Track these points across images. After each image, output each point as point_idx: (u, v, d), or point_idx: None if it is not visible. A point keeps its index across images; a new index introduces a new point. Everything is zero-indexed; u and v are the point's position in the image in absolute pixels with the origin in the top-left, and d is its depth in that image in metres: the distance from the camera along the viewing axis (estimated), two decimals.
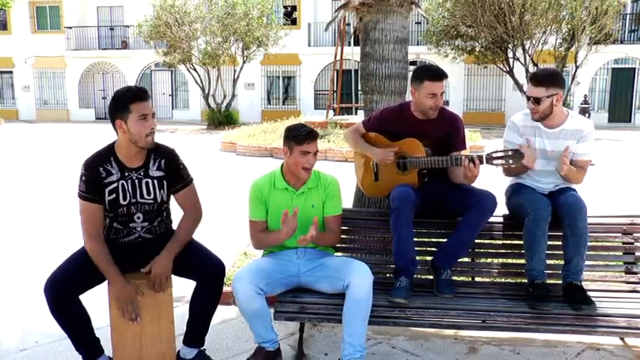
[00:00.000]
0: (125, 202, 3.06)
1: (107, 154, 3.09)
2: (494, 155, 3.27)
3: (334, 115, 20.24)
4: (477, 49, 22.70)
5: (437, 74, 3.51)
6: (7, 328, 3.98)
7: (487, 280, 3.71)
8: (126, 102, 2.98)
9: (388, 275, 3.65)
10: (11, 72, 33.46)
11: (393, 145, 3.64)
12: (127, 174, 3.07)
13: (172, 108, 31.61)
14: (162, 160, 3.15)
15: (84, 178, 3.02)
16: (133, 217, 3.11)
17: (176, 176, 3.17)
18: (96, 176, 3.02)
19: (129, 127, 2.98)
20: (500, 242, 3.70)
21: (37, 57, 32.43)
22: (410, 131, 3.60)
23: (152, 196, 3.11)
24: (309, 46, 29.11)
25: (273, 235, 3.34)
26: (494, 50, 21.77)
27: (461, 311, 3.18)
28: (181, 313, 3.45)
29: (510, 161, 3.24)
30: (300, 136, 3.24)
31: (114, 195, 3.05)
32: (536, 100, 3.39)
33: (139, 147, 3.05)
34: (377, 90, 4.50)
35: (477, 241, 3.62)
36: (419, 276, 3.59)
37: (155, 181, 3.12)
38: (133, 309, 2.99)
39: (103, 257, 2.99)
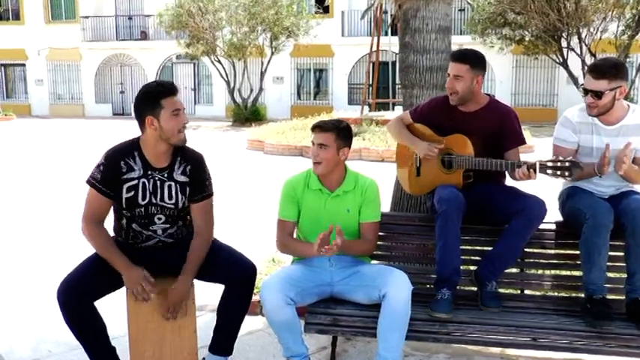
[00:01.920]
0: (144, 203, 3.12)
1: (131, 148, 3.14)
2: (549, 164, 3.21)
3: (369, 111, 20.22)
4: (527, 39, 22.38)
5: (454, 54, 3.60)
6: (20, 336, 4.08)
7: (538, 293, 3.67)
8: (157, 97, 3.04)
9: (428, 286, 3.63)
10: (24, 64, 34.21)
11: (439, 139, 3.64)
12: (149, 173, 3.13)
13: (195, 103, 31.92)
14: (189, 166, 3.19)
15: (101, 168, 3.08)
16: (153, 217, 3.16)
17: (199, 186, 3.22)
18: (115, 169, 3.08)
19: (161, 123, 3.04)
20: (553, 252, 3.66)
21: (51, 49, 33.09)
22: (454, 125, 3.60)
23: (174, 201, 3.16)
24: (343, 36, 29.10)
25: (302, 246, 3.38)
26: (545, 39, 21.44)
27: (508, 327, 3.15)
28: (205, 323, 3.50)
29: (566, 173, 3.14)
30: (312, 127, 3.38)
31: (132, 193, 3.10)
32: (597, 94, 3.33)
33: (171, 144, 3.11)
34: (417, 84, 4.50)
35: (526, 250, 3.59)
36: (462, 287, 3.58)
37: (178, 185, 3.17)
38: (143, 290, 3.02)
39: (104, 243, 3.06)
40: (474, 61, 3.54)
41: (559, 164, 3.16)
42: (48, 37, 32.97)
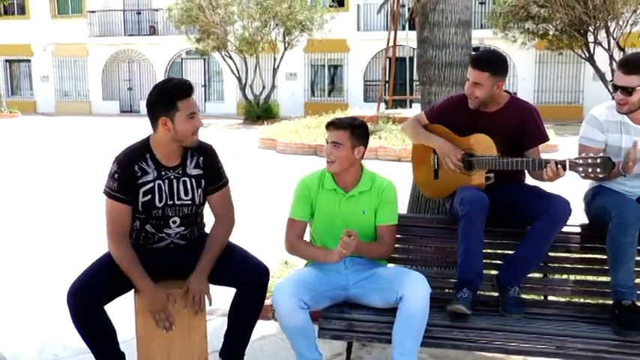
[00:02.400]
0: (161, 204, 3.14)
1: (142, 150, 3.16)
2: (579, 162, 3.20)
3: (386, 108, 20.19)
4: (551, 33, 22.23)
5: (474, 60, 3.55)
6: (25, 339, 4.13)
7: (562, 299, 3.65)
8: (173, 98, 3.04)
9: (447, 290, 3.63)
10: (29, 60, 34.51)
11: (458, 140, 3.62)
12: (163, 173, 3.15)
13: (205, 100, 32.04)
14: (201, 158, 3.23)
15: (116, 176, 3.08)
16: (169, 220, 3.19)
17: (214, 176, 3.25)
18: (130, 175, 3.09)
19: (175, 125, 3.05)
20: (578, 256, 3.63)
21: (57, 44, 33.36)
22: (475, 124, 3.59)
23: (190, 197, 3.19)
24: (359, 30, 29.10)
25: (314, 250, 3.39)
26: (571, 34, 21.29)
27: (531, 335, 3.13)
28: (215, 327, 3.52)
29: (598, 170, 3.12)
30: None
31: (149, 196, 3.13)
32: (627, 91, 3.30)
33: (183, 145, 3.14)
34: (436, 80, 4.49)
35: (550, 254, 3.57)
36: (483, 292, 3.56)
37: (193, 180, 3.20)
38: (165, 317, 3.06)
39: (130, 262, 3.07)
40: (495, 68, 3.50)
41: (590, 161, 3.13)
42: (54, 32, 33.23)
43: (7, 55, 34.20)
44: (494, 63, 3.52)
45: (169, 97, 3.05)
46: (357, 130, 3.36)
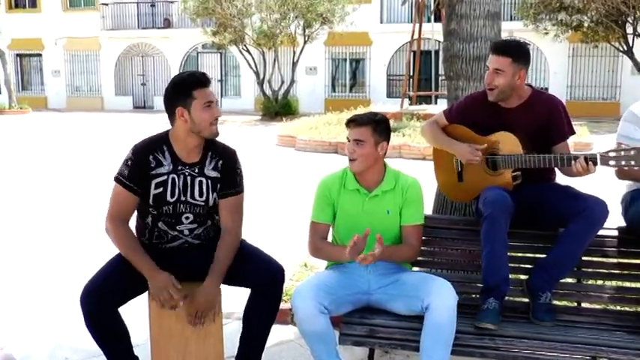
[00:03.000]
0: (172, 200, 3.17)
1: (160, 142, 3.21)
2: (611, 155, 3.16)
3: (410, 104, 20.17)
4: (586, 24, 22.05)
5: (495, 45, 3.53)
6: (36, 342, 4.18)
7: (597, 306, 3.62)
8: (189, 88, 3.10)
9: (474, 296, 3.61)
10: (40, 55, 34.91)
11: (481, 139, 3.61)
12: (180, 168, 3.19)
13: (221, 96, 32.17)
14: (220, 161, 3.25)
15: (129, 163, 3.15)
16: (181, 217, 3.22)
17: (230, 181, 3.27)
18: (144, 164, 3.14)
19: (192, 115, 3.10)
20: (615, 261, 3.59)
21: (69, 38, 33.69)
22: (496, 123, 3.57)
23: (204, 198, 3.22)
24: (382, 23, 29.08)
25: (336, 250, 3.39)
26: (607, 25, 21.07)
27: (564, 343, 3.10)
28: (231, 332, 3.53)
29: (632, 162, 3.09)
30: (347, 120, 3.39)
31: (161, 189, 3.16)
32: None
33: (202, 137, 3.17)
34: (463, 75, 4.47)
35: (584, 258, 3.54)
36: (511, 298, 3.54)
37: (209, 181, 3.23)
38: (170, 296, 3.03)
39: (130, 245, 3.11)
40: (517, 53, 3.48)
41: (623, 153, 3.10)
42: (65, 26, 33.57)
43: (17, 49, 34.62)
44: (516, 48, 3.50)
45: (185, 86, 3.11)
46: (380, 126, 3.35)
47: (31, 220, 7.90)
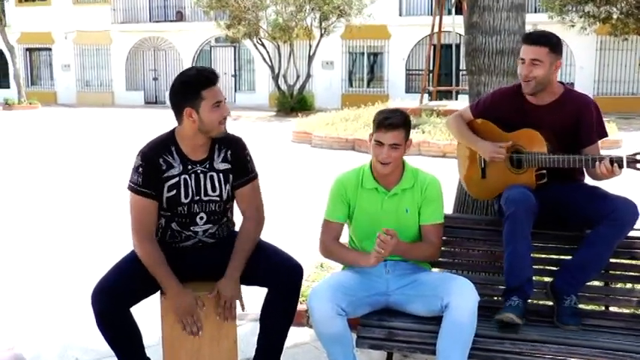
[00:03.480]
0: (187, 200, 3.19)
1: (167, 142, 3.21)
2: (638, 157, 3.13)
3: (430, 100, 20.11)
4: (615, 16, 21.86)
5: (530, 35, 3.51)
6: (45, 342, 4.22)
7: (626, 311, 3.59)
8: (197, 87, 3.09)
9: (496, 298, 3.61)
10: (49, 49, 35.16)
11: (506, 136, 3.60)
12: (190, 167, 3.20)
13: (235, 91, 32.27)
14: (229, 151, 3.27)
15: (140, 170, 3.14)
16: (195, 217, 3.23)
17: (242, 169, 3.29)
18: (155, 169, 3.14)
19: (201, 116, 3.10)
20: None
21: (79, 31, 33.90)
22: (525, 119, 3.55)
23: (217, 192, 3.23)
24: (401, 15, 29.00)
25: (351, 254, 3.39)
26: (637, 17, 20.89)
27: (589, 349, 3.08)
28: (245, 333, 3.54)
29: None
30: (376, 122, 3.32)
31: (174, 191, 3.17)
32: None
33: (211, 137, 3.18)
34: (485, 69, 4.45)
35: (612, 260, 3.51)
36: (535, 301, 3.53)
37: (221, 174, 3.25)
38: (193, 321, 3.09)
39: (157, 262, 3.12)
40: (554, 42, 3.48)
41: None
42: (76, 19, 33.78)
43: (26, 43, 34.90)
44: (552, 38, 3.50)
45: (193, 86, 3.10)
46: (409, 125, 3.36)
47: (41, 218, 7.97)
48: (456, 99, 21.15)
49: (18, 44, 33.27)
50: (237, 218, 3.41)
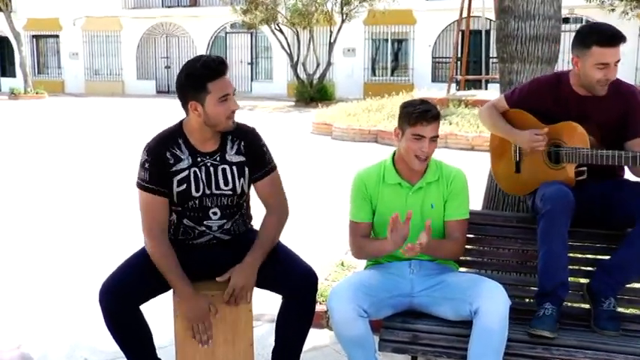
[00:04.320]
0: (198, 194, 3.19)
1: (175, 135, 3.21)
2: None
3: (457, 89, 20.03)
4: None
5: (611, 37, 3.36)
6: (53, 341, 4.27)
7: None
8: (203, 80, 3.06)
9: (527, 300, 3.59)
10: (57, 36, 35.46)
11: (545, 128, 3.55)
12: (199, 160, 3.20)
13: (252, 80, 32.36)
14: (242, 142, 3.26)
15: (146, 165, 3.15)
16: (208, 212, 3.24)
17: (258, 161, 3.29)
18: (162, 163, 3.15)
19: (206, 110, 3.09)
20: None
21: (88, 18, 34.13)
22: (567, 111, 3.52)
23: (231, 187, 3.23)
24: None
25: (376, 243, 3.37)
26: None
27: (628, 356, 3.04)
28: (262, 335, 3.55)
29: None
30: (413, 115, 3.25)
31: (184, 186, 3.18)
32: None
33: (217, 131, 3.18)
34: (518, 57, 4.42)
35: None
36: (570, 303, 3.51)
37: (234, 167, 3.24)
38: (204, 329, 3.11)
39: (168, 263, 3.13)
40: (623, 38, 3.41)
41: None
42: (84, 5, 33.98)
43: (33, 29, 35.20)
44: (620, 32, 3.40)
45: (197, 78, 3.07)
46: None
47: (48, 214, 8.04)
48: (486, 89, 21.09)
49: (24, 31, 33.56)
50: (256, 213, 3.42)
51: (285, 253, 3.32)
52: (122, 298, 3.08)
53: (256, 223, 3.40)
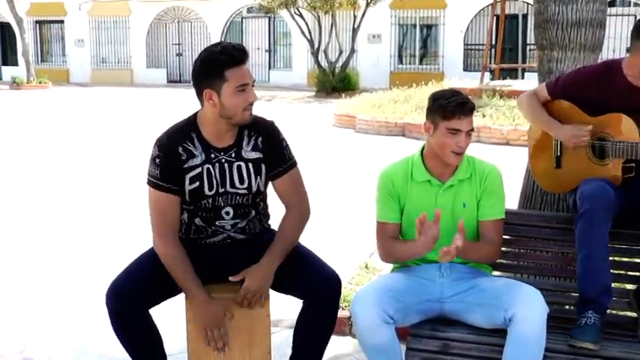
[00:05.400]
0: (211, 193, 3.20)
1: (188, 129, 3.21)
2: None
3: (492, 79, 19.92)
4: None
5: None
6: (58, 346, 4.31)
7: None
8: (220, 67, 3.05)
9: (567, 307, 3.58)
10: (62, 21, 35.69)
11: (590, 120, 3.54)
12: (213, 156, 3.20)
13: (269, 68, 32.40)
14: (260, 138, 3.26)
15: (157, 161, 3.16)
16: (221, 212, 3.24)
17: (277, 157, 3.28)
18: (174, 159, 3.15)
19: (222, 99, 3.08)
20: None
21: (95, 2, 34.35)
22: (616, 102, 3.49)
23: (246, 185, 3.23)
24: None
25: (406, 246, 3.36)
26: None
27: None
28: (280, 342, 3.56)
29: None
30: (448, 108, 3.24)
31: (197, 183, 3.18)
32: None
33: (233, 124, 3.17)
34: (559, 44, 4.40)
35: None
36: (613, 311, 3.50)
37: (250, 164, 3.24)
38: (220, 335, 3.11)
39: (179, 265, 3.13)
40: None
41: None
42: None
43: (36, 15, 35.46)
44: None
45: (215, 64, 3.06)
46: None
47: (53, 212, 8.10)
48: (523, 78, 20.93)
49: (27, 16, 33.82)
50: (273, 211, 3.43)
51: (306, 255, 3.31)
52: (130, 301, 3.09)
53: (274, 223, 3.40)
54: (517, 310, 3.03)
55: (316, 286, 3.18)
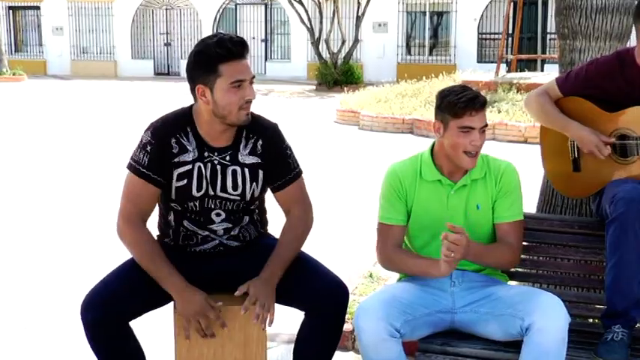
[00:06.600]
0: (199, 194, 3.18)
1: (184, 121, 3.19)
2: None
3: (508, 71, 19.91)
4: None
5: None
6: None
7: None
8: (214, 60, 3.02)
9: (591, 321, 3.58)
10: (38, 7, 35.68)
11: (608, 116, 3.54)
12: (207, 155, 3.18)
13: (266, 59, 32.41)
14: (260, 141, 3.23)
15: (148, 148, 3.12)
16: (210, 214, 3.22)
17: (279, 166, 3.26)
18: (165, 149, 3.13)
19: (215, 96, 3.05)
20: None
21: None
22: (632, 93, 3.49)
23: (239, 191, 3.20)
24: None
25: (420, 263, 3.35)
26: None
27: None
28: (277, 358, 3.55)
29: None
30: (458, 104, 3.23)
31: (185, 181, 3.16)
32: None
33: (227, 124, 3.14)
34: (582, 32, 4.40)
35: None
36: None
37: (246, 170, 3.21)
38: (206, 325, 3.05)
39: (147, 252, 3.10)
40: None
41: None
42: None
43: (10, 0, 35.38)
44: None
45: (208, 58, 3.03)
46: None
47: (22, 216, 8.08)
48: (542, 70, 20.92)
49: (0, 2, 33.81)
50: (272, 217, 3.42)
51: (309, 263, 3.30)
52: (108, 313, 3.04)
53: (272, 229, 3.40)
54: (535, 319, 3.01)
55: (321, 296, 3.16)
